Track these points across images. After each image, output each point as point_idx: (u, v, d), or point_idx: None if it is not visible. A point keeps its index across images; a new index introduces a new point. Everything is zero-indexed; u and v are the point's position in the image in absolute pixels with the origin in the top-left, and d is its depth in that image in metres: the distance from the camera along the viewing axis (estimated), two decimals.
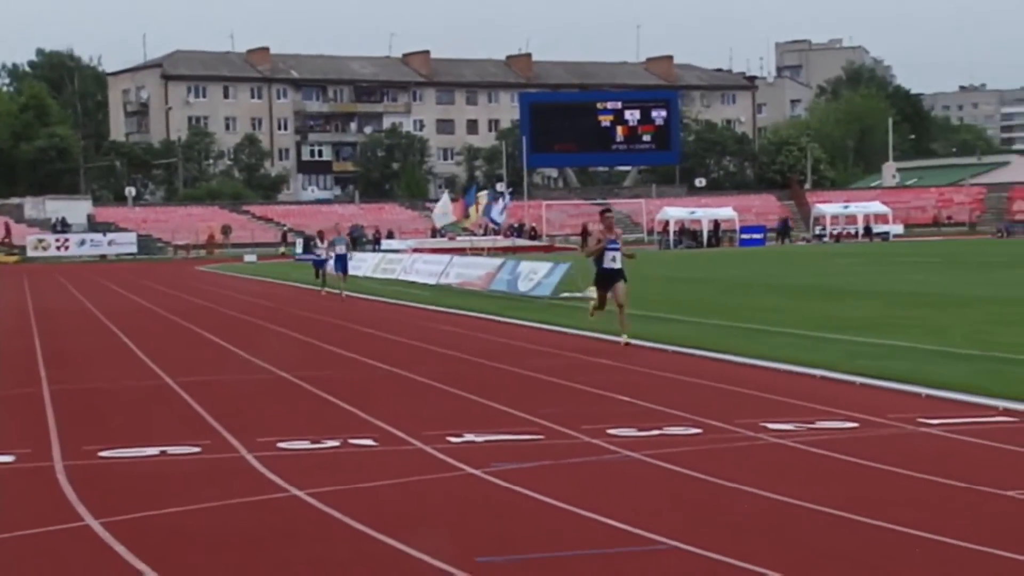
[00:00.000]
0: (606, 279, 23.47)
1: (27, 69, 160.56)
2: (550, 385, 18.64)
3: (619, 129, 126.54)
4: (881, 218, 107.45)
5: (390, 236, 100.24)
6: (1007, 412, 14.66)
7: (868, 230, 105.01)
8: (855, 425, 14.16)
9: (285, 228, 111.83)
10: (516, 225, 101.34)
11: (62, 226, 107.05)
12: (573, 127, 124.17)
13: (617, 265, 23.21)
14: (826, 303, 32.87)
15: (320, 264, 46.25)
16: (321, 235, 48.83)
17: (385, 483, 11.66)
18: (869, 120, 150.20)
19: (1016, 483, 10.94)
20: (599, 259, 23.38)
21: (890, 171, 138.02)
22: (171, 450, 13.48)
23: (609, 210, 24.04)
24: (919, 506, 10.25)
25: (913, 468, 11.75)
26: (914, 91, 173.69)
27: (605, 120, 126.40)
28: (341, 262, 42.82)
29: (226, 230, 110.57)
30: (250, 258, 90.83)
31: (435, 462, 12.68)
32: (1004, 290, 35.27)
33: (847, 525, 9.72)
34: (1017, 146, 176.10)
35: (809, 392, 16.78)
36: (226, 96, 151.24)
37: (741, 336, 23.82)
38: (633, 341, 22.81)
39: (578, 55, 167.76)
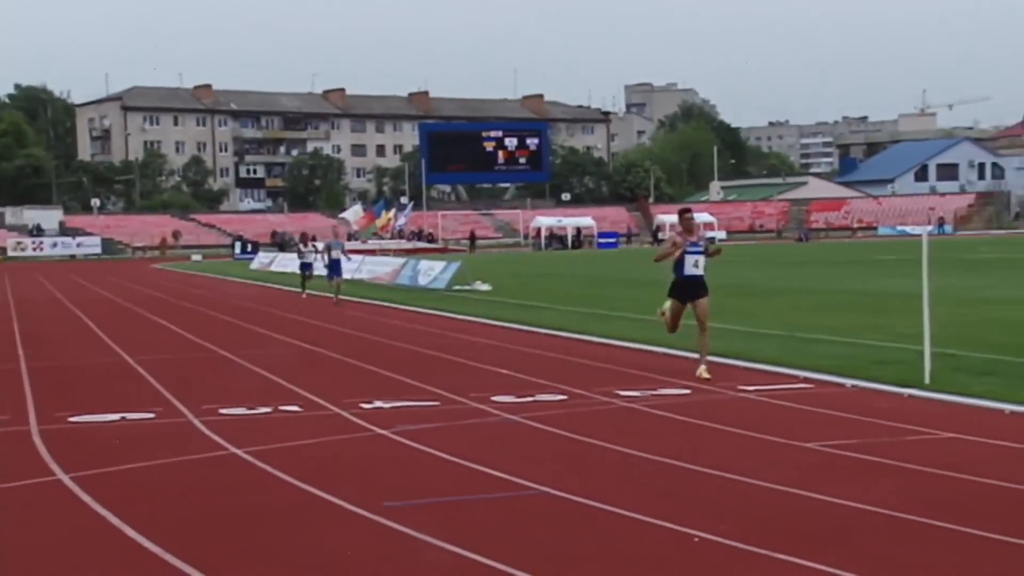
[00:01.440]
0: (685, 290, 15.88)
1: (6, 100, 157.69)
2: (445, 361, 18.65)
3: (500, 153, 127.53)
4: (708, 226, 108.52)
5: (314, 239, 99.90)
6: (806, 380, 14.94)
7: None
8: (688, 392, 14.33)
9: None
10: (417, 231, 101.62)
11: (37, 231, 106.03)
12: (463, 151, 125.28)
13: (699, 271, 15.82)
14: (664, 293, 33.15)
15: (305, 268, 38.57)
16: (304, 238, 41.32)
17: (308, 442, 11.62)
18: (698, 148, 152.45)
19: (814, 436, 11.15)
20: (678, 266, 15.81)
21: (715, 188, 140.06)
22: (130, 416, 13.35)
23: (689, 210, 16.87)
24: (738, 455, 10.39)
25: (734, 425, 11.92)
26: (733, 125, 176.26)
27: (489, 146, 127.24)
28: (335, 267, 34.11)
29: (176, 235, 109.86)
30: (196, 257, 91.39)
31: (350, 424, 12.65)
32: (803, 283, 35.82)
33: (681, 470, 9.86)
34: (813, 170, 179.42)
35: (653, 366, 16.94)
36: (176, 124, 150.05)
37: (599, 320, 23.95)
38: (708, 376, 15.24)
39: (467, 93, 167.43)
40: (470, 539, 7.76)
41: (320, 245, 39.17)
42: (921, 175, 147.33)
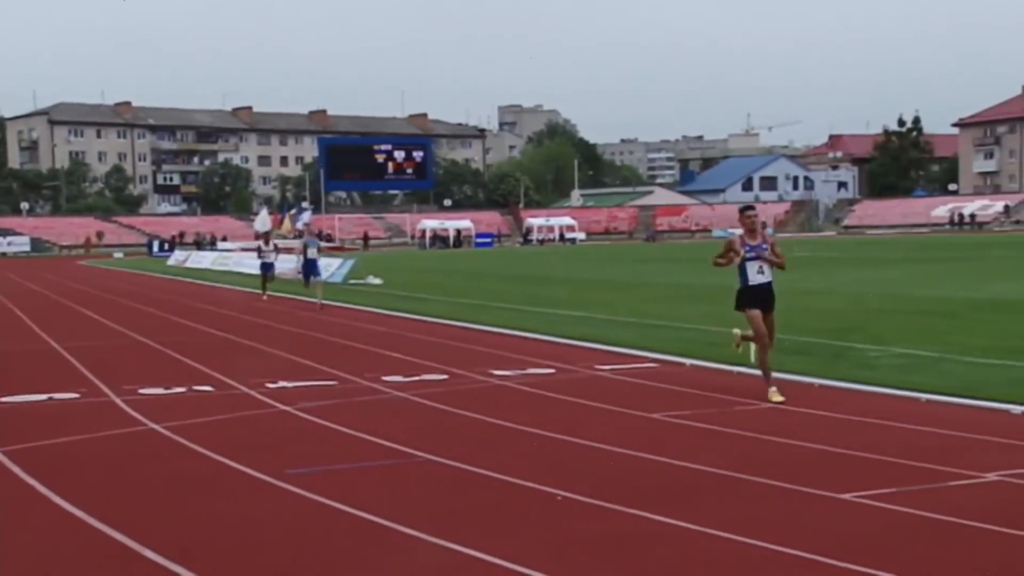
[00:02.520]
0: (755, 298, 12.08)
1: None
2: (342, 346, 18.51)
3: (390, 164, 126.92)
4: (570, 228, 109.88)
5: (224, 239, 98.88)
6: (654, 360, 15.13)
7: (562, 236, 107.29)
8: (553, 371, 14.41)
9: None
10: (316, 232, 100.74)
11: None
12: (357, 162, 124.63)
13: (766, 278, 12.11)
14: (534, 286, 33.33)
15: (267, 268, 32.76)
16: (267, 238, 35.06)
17: (219, 418, 11.45)
18: (561, 161, 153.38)
19: (659, 408, 11.29)
20: (741, 273, 12.20)
21: (576, 196, 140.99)
22: (57, 396, 13.01)
23: (752, 208, 12.66)
24: (595, 425, 10.48)
25: (591, 399, 12.02)
26: (591, 141, 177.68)
27: (380, 158, 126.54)
28: (313, 268, 27.62)
29: (100, 235, 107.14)
30: (118, 255, 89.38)
31: (257, 402, 12.49)
32: (651, 278, 36.29)
33: (546, 439, 9.91)
34: (658, 180, 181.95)
35: (523, 349, 17.00)
36: (99, 136, 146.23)
37: (477, 310, 23.98)
38: (782, 398, 11.60)
39: (360, 111, 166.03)
40: (364, 501, 7.72)
41: (279, 243, 35.56)
42: (747, 186, 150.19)
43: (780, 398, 11.49)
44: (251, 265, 49.86)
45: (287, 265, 45.71)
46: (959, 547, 6.45)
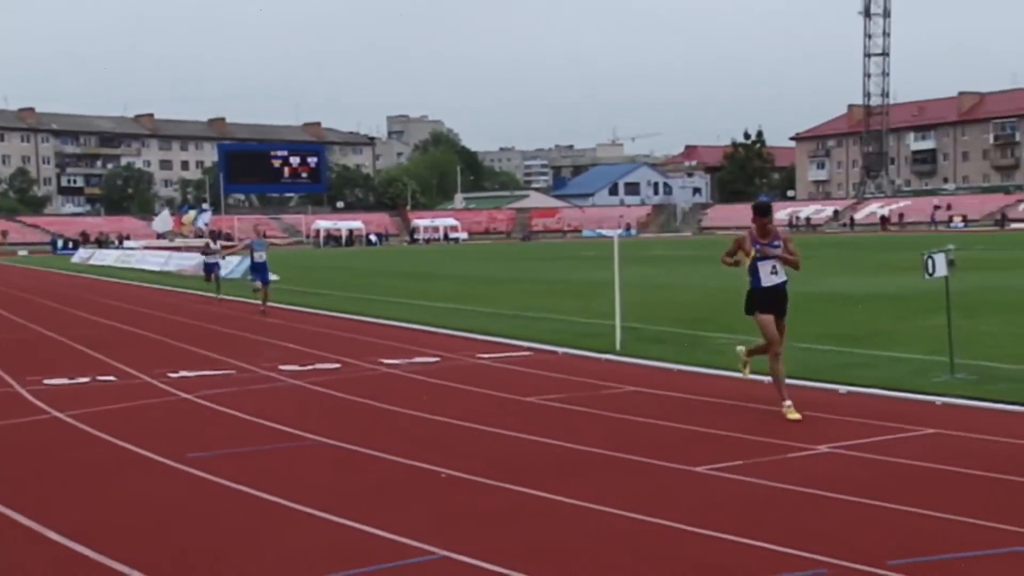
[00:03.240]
0: (767, 301, 10.10)
1: None
2: (241, 338, 18.20)
3: (286, 169, 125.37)
4: (453, 228, 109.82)
5: (127, 238, 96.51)
6: (529, 349, 15.21)
7: (446, 236, 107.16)
8: (437, 359, 14.38)
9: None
10: (216, 231, 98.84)
11: None
12: (255, 167, 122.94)
13: (780, 278, 10.07)
14: (420, 282, 33.24)
15: (210, 269, 29.02)
16: (216, 235, 31.70)
17: (122, 406, 11.16)
18: (445, 167, 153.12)
19: (534, 392, 11.34)
20: (753, 274, 10.14)
21: (458, 199, 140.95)
22: None
23: (766, 206, 10.62)
24: (476, 408, 10.49)
25: (473, 385, 12.04)
26: (472, 149, 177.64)
27: (276, 163, 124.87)
28: (260, 271, 22.88)
29: (4, 233, 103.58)
30: (23, 253, 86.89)
31: (159, 391, 12.21)
32: (527, 274, 36.48)
33: (431, 421, 9.88)
34: (534, 185, 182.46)
35: (411, 340, 16.93)
36: (2, 140, 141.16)
37: (367, 304, 23.82)
38: (798, 416, 9.57)
39: (257, 119, 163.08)
40: (260, 481, 7.61)
41: (220, 244, 30.88)
42: (613, 190, 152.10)
43: (796, 416, 9.45)
44: (154, 262, 48.88)
45: (188, 262, 45.06)
46: (799, 511, 6.63)
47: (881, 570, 5.43)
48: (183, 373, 13.45)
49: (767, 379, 11.70)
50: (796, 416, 9.47)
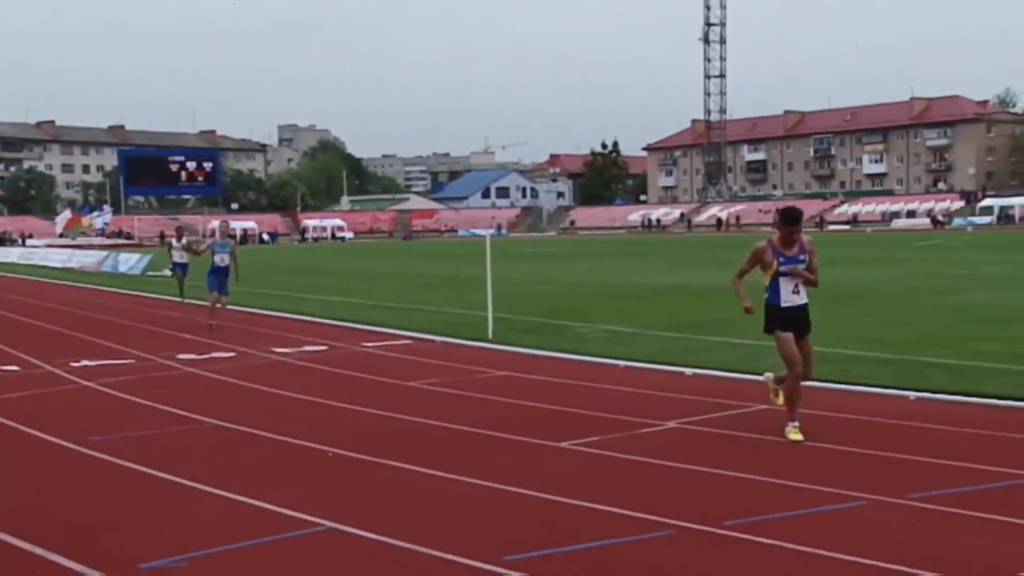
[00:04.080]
0: (788, 320, 7.86)
1: None
2: (140, 329, 17.60)
3: (183, 173, 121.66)
4: (340, 228, 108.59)
5: (30, 237, 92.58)
6: (409, 338, 15.11)
7: (333, 235, 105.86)
8: (326, 348, 14.18)
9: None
10: (117, 230, 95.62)
11: None
12: (154, 171, 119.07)
13: (802, 299, 7.93)
14: (310, 277, 32.76)
15: (179, 269, 23.74)
16: (180, 232, 24.97)
17: (27, 394, 10.68)
18: (332, 172, 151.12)
19: (414, 377, 11.28)
20: (772, 291, 7.91)
21: (345, 201, 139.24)
22: None
23: (795, 212, 7.92)
24: (361, 392, 10.38)
25: (358, 371, 11.91)
26: (357, 156, 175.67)
27: (174, 167, 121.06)
28: (219, 277, 17.55)
29: None
30: None
31: (61, 379, 11.72)
32: (408, 270, 36.28)
33: (319, 404, 9.74)
34: (414, 189, 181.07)
35: (300, 330, 16.66)
36: None
37: (260, 297, 23.30)
38: (800, 437, 7.78)
39: (157, 127, 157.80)
40: (159, 462, 7.38)
41: (197, 243, 24.71)
42: (486, 194, 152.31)
43: (798, 437, 7.74)
44: (56, 259, 46.81)
45: (89, 259, 43.37)
46: (649, 479, 6.74)
47: (720, 530, 5.56)
48: (84, 362, 12.95)
49: (623, 363, 11.87)
50: (798, 438, 7.74)
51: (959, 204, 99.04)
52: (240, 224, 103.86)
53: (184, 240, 24.39)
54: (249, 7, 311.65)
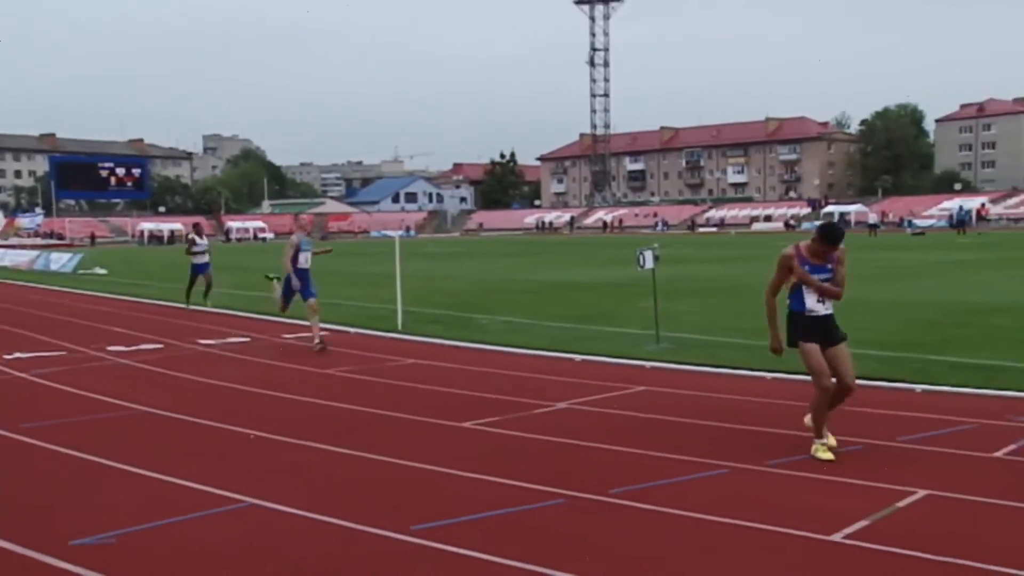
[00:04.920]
0: (814, 328, 6.43)
1: None
2: (72, 323, 16.90)
3: (112, 179, 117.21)
4: (261, 230, 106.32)
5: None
6: (327, 330, 14.79)
7: (255, 236, 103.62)
8: (248, 339, 13.85)
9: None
10: (49, 232, 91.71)
11: None
12: (84, 177, 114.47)
13: (827, 309, 6.46)
14: (234, 274, 31.91)
15: (199, 270, 19.30)
16: (199, 229, 20.23)
17: None
18: (254, 178, 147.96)
19: (333, 365, 11.08)
20: (795, 298, 6.53)
21: (266, 205, 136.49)
22: None
23: (835, 229, 6.42)
24: (284, 379, 10.16)
25: (280, 360, 11.62)
26: (277, 163, 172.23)
27: (104, 173, 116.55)
28: (303, 280, 12.84)
29: None
30: None
31: None
32: (324, 267, 35.58)
33: (242, 391, 9.51)
34: (330, 194, 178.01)
35: (225, 323, 16.24)
36: None
37: (195, 294, 22.65)
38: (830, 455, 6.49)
39: (86, 135, 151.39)
40: (89, 445, 7.11)
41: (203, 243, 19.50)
42: (396, 199, 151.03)
43: (827, 456, 6.38)
44: None
45: (21, 258, 41.49)
46: (542, 454, 6.78)
47: (606, 497, 5.63)
48: (17, 355, 12.38)
49: (520, 351, 11.90)
50: (827, 457, 6.37)
51: (807, 210, 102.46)
52: (167, 226, 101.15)
53: (204, 238, 19.62)
54: (175, 23, 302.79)
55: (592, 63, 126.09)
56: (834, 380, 6.42)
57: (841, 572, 4.43)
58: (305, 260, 12.93)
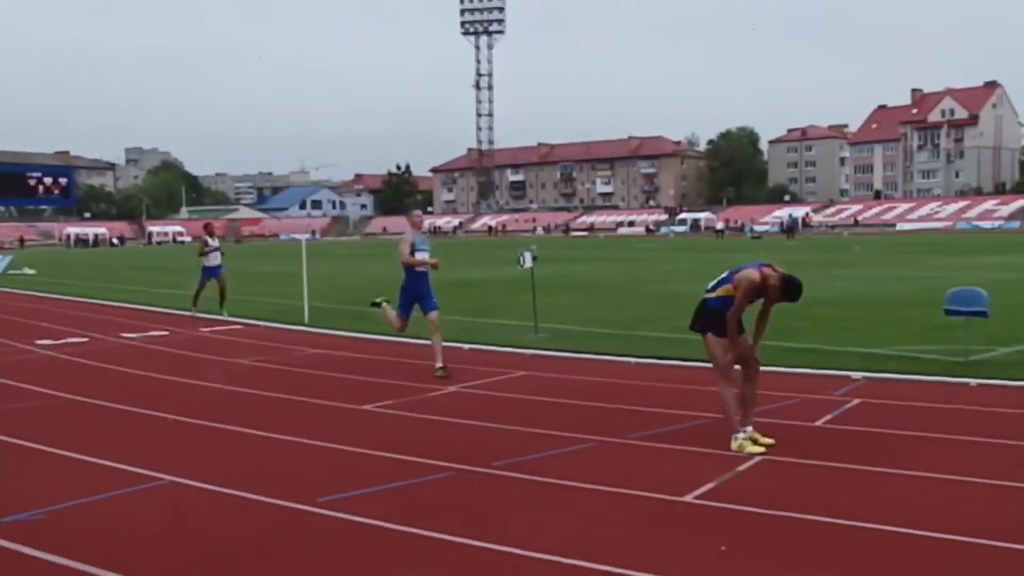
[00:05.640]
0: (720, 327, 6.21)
1: None
2: (1, 320, 15.94)
3: (40, 187, 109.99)
4: (180, 234, 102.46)
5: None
6: (241, 324, 14.48)
7: (174, 239, 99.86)
8: (167, 333, 13.35)
9: None
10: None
11: None
12: (12, 184, 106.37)
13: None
14: (153, 274, 30.68)
15: (210, 274, 15.83)
16: (211, 230, 16.48)
17: None
18: (174, 186, 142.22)
19: (245, 355, 10.81)
20: (725, 304, 6.23)
21: (184, 211, 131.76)
22: None
23: (799, 293, 6.15)
24: (197, 369, 9.83)
25: (196, 351, 11.26)
26: (194, 173, 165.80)
27: (32, 182, 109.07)
28: (420, 290, 9.61)
29: None
30: None
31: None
32: (236, 267, 34.69)
33: (161, 380, 9.19)
34: (243, 202, 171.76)
35: (146, 318, 15.59)
36: None
37: (110, 291, 21.69)
38: None
39: (14, 148, 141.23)
40: (19, 432, 6.76)
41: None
42: (303, 206, 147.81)
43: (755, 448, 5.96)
44: None
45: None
46: (434, 432, 6.79)
47: (490, 470, 5.72)
48: None
49: (415, 342, 11.86)
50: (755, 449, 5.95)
51: (664, 217, 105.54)
52: (92, 230, 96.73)
53: (216, 240, 15.94)
54: (102, 42, 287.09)
55: (478, 86, 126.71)
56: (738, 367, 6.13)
57: (692, 527, 4.65)
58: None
